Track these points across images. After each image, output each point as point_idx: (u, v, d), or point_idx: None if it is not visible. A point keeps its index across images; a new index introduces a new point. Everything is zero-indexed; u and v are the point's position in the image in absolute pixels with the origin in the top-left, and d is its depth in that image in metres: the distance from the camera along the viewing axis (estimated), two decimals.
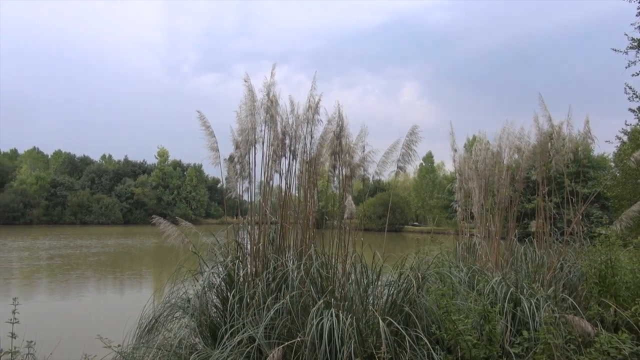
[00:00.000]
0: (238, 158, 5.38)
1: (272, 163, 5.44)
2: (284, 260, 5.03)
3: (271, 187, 5.57)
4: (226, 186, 5.50)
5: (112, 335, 4.98)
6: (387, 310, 4.65)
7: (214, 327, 4.82)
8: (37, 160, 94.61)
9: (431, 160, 74.11)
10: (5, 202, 70.91)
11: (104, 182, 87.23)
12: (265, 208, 5.39)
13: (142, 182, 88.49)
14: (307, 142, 5.51)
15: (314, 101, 5.41)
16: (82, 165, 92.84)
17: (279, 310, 4.42)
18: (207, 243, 5.75)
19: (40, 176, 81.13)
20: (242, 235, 5.62)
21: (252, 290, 4.73)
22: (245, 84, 5.34)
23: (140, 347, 4.79)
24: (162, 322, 5.11)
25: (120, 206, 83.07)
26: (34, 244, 37.32)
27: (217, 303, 5.17)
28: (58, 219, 77.75)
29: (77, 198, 79.06)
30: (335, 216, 5.65)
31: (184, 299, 5.28)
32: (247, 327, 4.28)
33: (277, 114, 5.38)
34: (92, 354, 4.71)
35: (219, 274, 5.20)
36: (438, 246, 6.32)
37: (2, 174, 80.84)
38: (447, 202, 62.59)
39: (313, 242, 5.33)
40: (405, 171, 5.35)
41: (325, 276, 4.98)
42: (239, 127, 5.33)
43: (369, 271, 5.06)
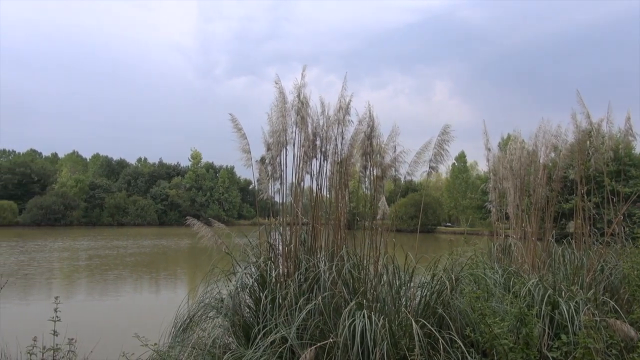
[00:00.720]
0: (269, 160, 5.42)
1: (303, 164, 5.46)
2: (315, 261, 5.04)
3: (302, 188, 5.59)
4: (258, 187, 5.55)
5: (149, 333, 5.10)
6: (420, 312, 4.60)
7: (247, 327, 4.87)
8: (77, 163, 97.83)
9: (464, 160, 72.88)
10: (47, 204, 73.55)
11: (140, 185, 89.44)
12: (297, 209, 5.41)
13: (176, 184, 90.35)
14: (338, 143, 5.51)
15: (345, 102, 5.40)
16: (119, 168, 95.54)
17: (311, 311, 4.43)
18: (239, 244, 5.81)
19: (79, 179, 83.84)
20: (274, 236, 5.66)
21: (284, 290, 4.75)
22: (276, 86, 5.38)
23: (176, 346, 4.88)
24: (197, 321, 5.20)
25: (155, 208, 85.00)
26: (73, 245, 38.57)
27: (250, 303, 5.22)
28: (96, 221, 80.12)
29: (114, 200, 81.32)
30: (367, 217, 5.62)
31: (217, 299, 5.35)
32: (280, 327, 4.31)
33: (308, 115, 5.40)
34: (130, 352, 4.83)
35: (251, 275, 5.25)
36: (472, 247, 6.22)
37: (44, 177, 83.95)
38: (481, 203, 61.30)
39: (345, 243, 5.31)
40: (438, 171, 5.29)
41: (357, 277, 4.96)
42: (270, 129, 5.37)
43: (401, 272, 5.01)
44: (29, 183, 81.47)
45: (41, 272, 21.95)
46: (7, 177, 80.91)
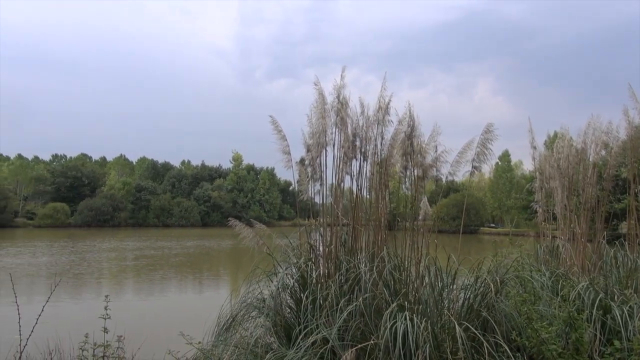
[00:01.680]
0: (309, 161, 5.44)
1: (343, 165, 5.45)
2: (356, 262, 5.02)
3: (342, 189, 5.59)
4: (298, 189, 5.58)
5: (193, 332, 5.21)
6: (464, 314, 4.51)
7: (289, 327, 4.90)
8: (124, 166, 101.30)
9: (508, 159, 70.91)
10: (96, 206, 76.54)
11: (184, 186, 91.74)
12: (337, 210, 5.41)
13: (218, 185, 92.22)
14: (378, 144, 5.47)
15: (384, 102, 5.36)
16: (164, 170, 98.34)
17: (352, 312, 4.42)
18: (280, 245, 5.86)
19: (126, 181, 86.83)
20: (315, 237, 5.68)
21: (325, 291, 4.76)
22: (316, 88, 5.39)
23: (219, 345, 4.97)
24: (239, 321, 5.27)
25: (198, 209, 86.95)
26: (120, 245, 39.93)
27: (291, 304, 5.25)
28: (143, 222, 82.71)
29: (159, 202, 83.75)
30: (408, 218, 5.56)
31: (259, 299, 5.41)
32: (321, 328, 4.31)
33: (348, 116, 5.39)
34: (176, 350, 4.95)
35: (292, 275, 5.28)
36: (517, 249, 6.03)
37: (94, 180, 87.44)
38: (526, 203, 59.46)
39: (385, 244, 5.27)
40: (481, 171, 5.16)
41: (399, 279, 4.91)
42: (310, 130, 5.39)
43: (444, 274, 4.92)
44: (80, 186, 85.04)
45: (91, 271, 22.84)
46: (60, 180, 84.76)
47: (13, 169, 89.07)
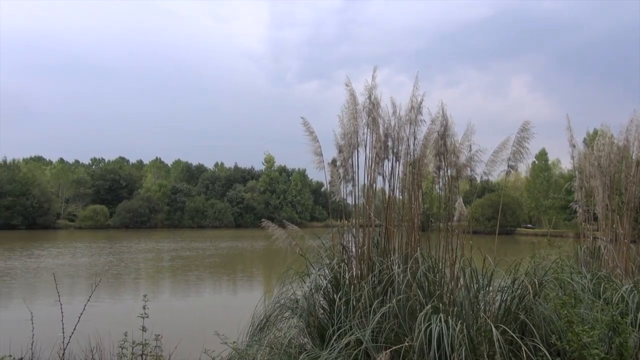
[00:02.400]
0: (341, 162, 5.43)
1: (375, 166, 5.42)
2: (389, 264, 4.98)
3: (374, 189, 5.56)
4: (330, 190, 5.58)
5: (228, 332, 5.28)
6: (500, 317, 4.41)
7: (322, 328, 4.90)
8: (160, 169, 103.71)
9: (545, 158, 68.99)
10: (134, 208, 78.61)
11: (217, 188, 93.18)
12: (369, 211, 5.38)
13: (251, 187, 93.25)
14: (410, 144, 5.42)
15: (417, 101, 5.31)
16: (198, 172, 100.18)
17: (385, 313, 4.38)
18: (313, 246, 5.88)
19: (162, 184, 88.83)
20: (347, 238, 5.67)
21: (358, 292, 4.74)
22: (347, 88, 5.38)
23: (253, 345, 5.01)
24: (273, 321, 5.31)
25: (232, 210, 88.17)
26: (156, 246, 40.85)
27: (324, 305, 5.25)
28: (178, 223, 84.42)
29: (194, 203, 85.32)
30: (441, 218, 5.48)
31: (292, 299, 5.43)
32: (354, 329, 4.30)
33: (379, 116, 5.36)
34: (211, 349, 5.03)
35: (325, 276, 5.28)
36: (556, 250, 5.86)
37: (131, 183, 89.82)
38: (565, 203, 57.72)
39: (419, 245, 5.21)
40: (517, 170, 5.04)
41: (433, 280, 4.84)
42: (342, 131, 5.38)
43: (479, 276, 4.83)
44: (118, 188, 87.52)
45: (128, 272, 23.45)
46: (99, 183, 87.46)
47: (55, 172, 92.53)
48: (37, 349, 4.74)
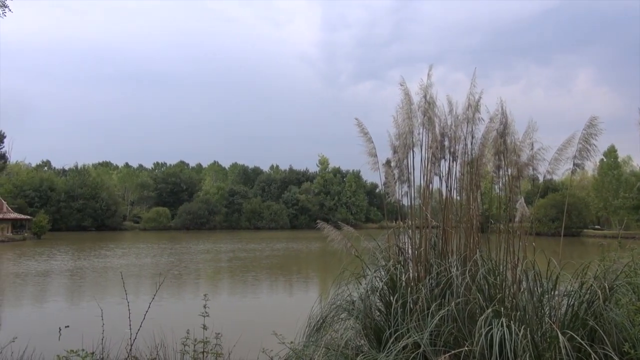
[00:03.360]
0: (396, 162, 5.37)
1: (431, 166, 5.32)
2: (447, 266, 4.87)
3: (431, 190, 5.45)
4: (385, 191, 5.53)
5: (285, 332, 5.35)
6: (567, 323, 4.20)
7: (378, 330, 4.86)
8: (218, 172, 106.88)
9: (614, 155, 65.06)
10: (194, 210, 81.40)
11: (273, 190, 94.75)
12: (426, 212, 5.29)
13: (305, 189, 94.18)
14: (468, 143, 5.27)
15: (474, 99, 5.16)
16: (254, 175, 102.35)
17: (443, 317, 4.29)
18: (368, 247, 5.84)
19: (220, 186, 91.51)
20: (403, 239, 5.59)
21: (415, 295, 4.66)
22: (401, 88, 5.32)
23: (310, 345, 5.05)
24: (329, 322, 5.32)
25: (287, 212, 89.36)
26: (214, 248, 42.04)
27: (381, 307, 5.20)
28: (236, 224, 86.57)
29: (250, 205, 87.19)
30: (502, 219, 5.30)
31: (348, 301, 5.42)
32: (412, 332, 4.23)
33: (435, 116, 5.25)
34: (269, 349, 5.11)
35: (381, 278, 5.24)
36: (628, 252, 5.51)
37: (191, 186, 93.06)
38: (637, 202, 54.24)
39: (478, 247, 5.06)
40: (583, 168, 4.78)
41: (493, 283, 4.69)
42: (397, 132, 5.32)
43: (543, 279, 4.62)
44: (179, 191, 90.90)
45: (189, 272, 24.27)
46: (162, 186, 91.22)
47: (121, 176, 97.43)
48: (106, 344, 4.99)
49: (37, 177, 76.60)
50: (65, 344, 5.46)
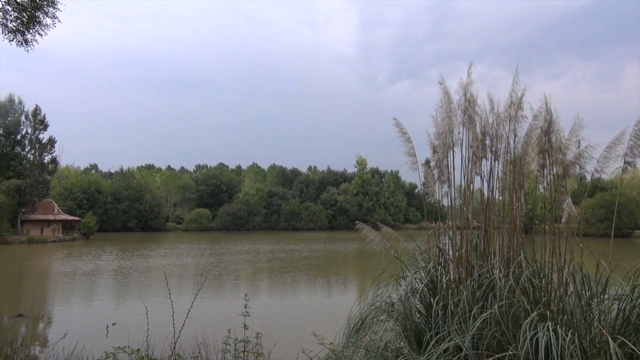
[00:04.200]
0: (436, 162, 5.29)
1: (472, 165, 5.21)
2: (489, 267, 4.75)
3: (472, 190, 5.34)
4: (424, 191, 5.45)
5: (324, 333, 5.36)
6: (618, 328, 4.02)
7: (419, 333, 4.80)
8: (257, 174, 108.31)
9: None
10: (233, 211, 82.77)
11: (311, 191, 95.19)
12: (467, 212, 5.18)
13: (343, 190, 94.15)
14: (510, 141, 5.13)
15: (516, 96, 5.02)
16: (292, 176, 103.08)
17: (486, 320, 4.19)
18: (407, 248, 5.78)
19: (259, 188, 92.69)
20: (444, 240, 5.50)
21: (456, 297, 4.57)
22: (440, 87, 5.23)
23: (349, 346, 5.03)
24: (368, 324, 5.29)
25: (325, 213, 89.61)
26: (253, 248, 42.59)
27: (421, 308, 5.13)
28: (275, 225, 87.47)
29: (289, 206, 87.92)
30: (547, 220, 5.13)
31: (387, 302, 5.38)
32: (453, 335, 4.15)
33: (476, 114, 5.14)
34: (308, 349, 5.13)
35: (421, 280, 5.16)
36: None
37: (231, 187, 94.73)
38: None
39: (522, 248, 4.92)
40: (635, 167, 4.57)
41: (538, 286, 4.54)
42: (436, 131, 5.24)
43: (592, 282, 4.44)
44: (219, 193, 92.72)
45: (228, 272, 24.68)
46: (203, 188, 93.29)
47: (164, 178, 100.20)
48: (151, 341, 5.13)
49: (86, 180, 79.76)
50: (112, 341, 5.65)
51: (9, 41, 7.71)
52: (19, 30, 7.72)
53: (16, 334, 11.04)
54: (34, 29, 7.78)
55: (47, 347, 8.49)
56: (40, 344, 10.82)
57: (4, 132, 53.54)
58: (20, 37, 7.78)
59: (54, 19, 7.83)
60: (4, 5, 7.45)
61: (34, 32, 7.82)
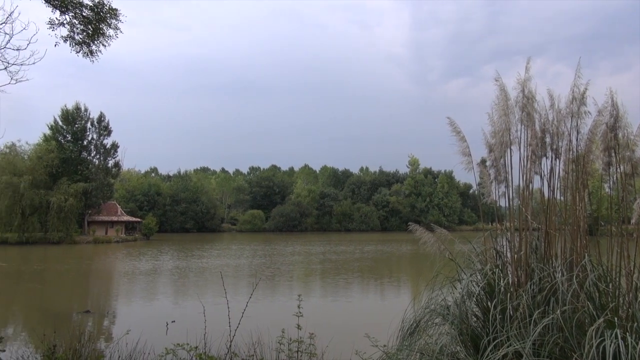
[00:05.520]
0: (492, 161, 5.13)
1: (531, 164, 5.01)
2: (550, 271, 4.55)
3: (531, 190, 5.13)
4: (480, 191, 5.30)
5: (377, 335, 5.32)
6: None
7: (475, 337, 4.66)
8: (308, 175, 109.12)
9: None
10: (286, 213, 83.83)
11: (363, 192, 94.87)
12: (526, 213, 4.98)
13: (396, 190, 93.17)
14: (572, 139, 4.90)
15: (579, 91, 4.78)
16: (344, 177, 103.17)
17: (548, 325, 4.01)
18: (463, 250, 5.64)
19: (311, 189, 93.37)
20: (501, 242, 5.32)
21: (515, 301, 4.41)
22: (497, 83, 5.07)
23: (404, 349, 4.96)
24: (423, 327, 5.20)
25: (377, 214, 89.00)
26: (305, 249, 42.90)
27: (477, 312, 4.99)
28: (326, 226, 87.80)
29: (340, 208, 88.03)
30: (613, 221, 4.85)
31: (442, 305, 5.26)
32: (512, 340, 4.00)
33: (535, 111, 4.94)
34: (362, 351, 5.10)
35: (477, 283, 5.02)
36: None
37: (283, 189, 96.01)
38: None
39: (586, 250, 4.67)
40: None
41: (605, 291, 4.30)
42: (492, 129, 5.08)
43: None
44: (272, 194, 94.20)
45: (281, 273, 24.99)
46: (256, 190, 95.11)
47: (219, 181, 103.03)
48: (208, 339, 5.27)
49: (146, 183, 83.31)
50: (172, 338, 5.85)
51: (76, 52, 8.16)
52: (85, 42, 8.15)
53: (84, 329, 11.68)
54: (98, 40, 8.19)
55: (112, 342, 8.92)
56: (105, 339, 11.39)
57: (72, 139, 56.89)
58: (86, 48, 8.22)
59: (116, 30, 8.21)
60: (71, 19, 7.89)
61: (98, 43, 8.24)
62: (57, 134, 56.55)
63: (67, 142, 56.59)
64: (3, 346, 5.57)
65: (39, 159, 52.15)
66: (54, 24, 7.81)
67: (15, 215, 48.80)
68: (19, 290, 19.99)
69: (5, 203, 47.98)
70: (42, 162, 51.96)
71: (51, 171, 52.92)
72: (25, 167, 50.93)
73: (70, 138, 56.94)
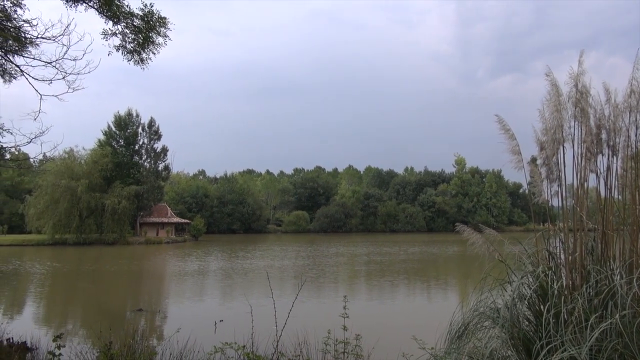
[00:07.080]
0: (543, 160, 4.94)
1: (586, 162, 4.80)
2: (608, 273, 4.34)
3: (586, 189, 4.91)
4: (531, 191, 5.12)
5: (424, 337, 5.23)
6: None
7: (527, 341, 4.50)
8: (352, 176, 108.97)
9: None
10: (330, 213, 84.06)
11: (408, 193, 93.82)
12: (581, 213, 4.77)
13: (442, 191, 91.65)
14: (631, 134, 4.65)
15: (638, 84, 4.54)
16: (388, 178, 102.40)
17: (605, 330, 3.82)
18: (513, 251, 5.46)
19: (355, 190, 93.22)
20: (554, 243, 5.12)
21: (570, 305, 4.23)
22: (547, 79, 4.89)
23: (452, 353, 4.86)
24: (472, 330, 5.07)
25: (423, 215, 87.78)
26: (349, 250, 42.81)
27: (529, 316, 4.82)
28: (371, 227, 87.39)
29: (385, 208, 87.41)
30: None
31: (492, 308, 5.12)
32: (567, 345, 3.84)
33: (589, 106, 4.73)
34: (409, 353, 5.04)
35: (529, 285, 4.85)
36: None
37: (328, 190, 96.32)
38: None
39: None
40: None
41: None
42: (543, 126, 4.90)
43: None
44: (317, 195, 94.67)
45: (326, 274, 25.03)
46: (300, 191, 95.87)
47: (264, 182, 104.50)
48: (255, 339, 5.35)
49: (194, 185, 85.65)
50: (220, 337, 5.97)
51: (128, 61, 8.51)
52: (136, 51, 8.48)
53: (137, 326, 12.12)
54: (148, 48, 8.49)
55: (164, 340, 9.21)
56: (157, 337, 11.77)
57: (124, 143, 59.30)
58: (137, 56, 8.55)
59: (165, 38, 8.49)
60: (123, 29, 8.23)
61: (148, 51, 8.54)
62: (111, 139, 59.12)
63: (120, 147, 59.08)
64: (63, 341, 5.85)
65: (94, 164, 54.73)
66: (107, 34, 8.17)
67: (74, 218, 51.40)
68: (76, 289, 20.99)
69: (64, 206, 50.66)
70: (97, 167, 54.50)
71: (105, 175, 55.41)
72: (82, 171, 53.58)
73: (123, 143, 59.39)
